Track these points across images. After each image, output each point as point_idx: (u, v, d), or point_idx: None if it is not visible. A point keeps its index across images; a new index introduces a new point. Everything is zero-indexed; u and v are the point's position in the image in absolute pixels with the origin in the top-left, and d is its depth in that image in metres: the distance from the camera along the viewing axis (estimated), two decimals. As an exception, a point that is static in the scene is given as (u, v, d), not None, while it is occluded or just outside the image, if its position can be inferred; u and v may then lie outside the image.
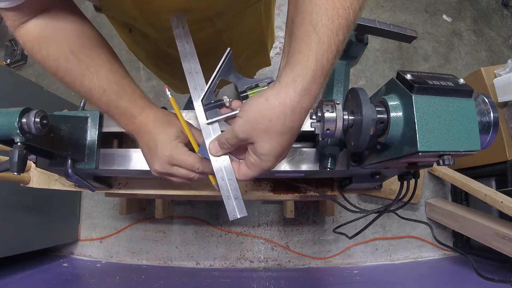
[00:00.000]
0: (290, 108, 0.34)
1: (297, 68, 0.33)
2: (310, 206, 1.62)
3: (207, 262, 1.59)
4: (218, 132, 0.44)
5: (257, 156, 0.37)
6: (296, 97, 0.33)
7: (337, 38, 0.33)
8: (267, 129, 0.35)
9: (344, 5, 0.33)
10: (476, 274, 0.59)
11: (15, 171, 0.42)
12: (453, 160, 0.35)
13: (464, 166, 1.52)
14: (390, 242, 1.60)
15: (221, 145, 0.42)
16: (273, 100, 0.34)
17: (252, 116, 0.35)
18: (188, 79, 0.47)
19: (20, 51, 1.92)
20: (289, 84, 0.33)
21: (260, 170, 0.39)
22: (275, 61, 1.78)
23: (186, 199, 1.62)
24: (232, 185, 0.43)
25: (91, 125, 0.57)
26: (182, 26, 0.48)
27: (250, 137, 0.36)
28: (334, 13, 0.33)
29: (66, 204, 1.62)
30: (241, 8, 0.65)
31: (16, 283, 1.23)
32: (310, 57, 0.33)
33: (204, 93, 0.44)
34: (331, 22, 0.33)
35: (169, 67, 0.87)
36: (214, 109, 0.44)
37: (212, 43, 0.69)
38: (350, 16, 0.34)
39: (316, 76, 0.33)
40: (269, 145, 0.36)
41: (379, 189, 0.69)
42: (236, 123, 0.37)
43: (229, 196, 0.43)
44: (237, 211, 0.43)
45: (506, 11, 1.94)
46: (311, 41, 0.33)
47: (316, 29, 0.33)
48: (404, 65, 1.81)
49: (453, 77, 0.39)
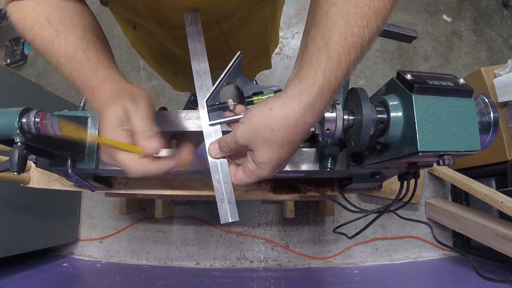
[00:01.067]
0: (293, 121, 0.33)
1: (304, 82, 0.33)
2: (310, 206, 1.62)
3: (207, 262, 1.59)
4: (219, 135, 0.44)
5: (255, 164, 0.37)
6: (300, 111, 0.33)
7: (348, 56, 0.32)
8: (268, 139, 0.34)
9: (360, 24, 0.32)
10: (476, 274, 0.59)
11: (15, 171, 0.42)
12: (453, 160, 0.35)
13: (464, 166, 1.52)
14: (390, 242, 1.60)
15: (221, 148, 0.41)
16: (277, 111, 0.33)
17: (254, 124, 0.35)
18: (195, 78, 0.46)
19: (20, 51, 1.92)
20: (295, 97, 0.33)
21: (256, 178, 0.38)
22: (274, 62, 1.78)
23: (186, 199, 1.62)
24: (227, 188, 0.43)
25: (91, 125, 0.57)
26: (195, 24, 0.48)
27: (250, 145, 0.36)
28: (348, 30, 0.32)
29: (66, 204, 1.62)
30: (248, 11, 0.65)
31: (16, 283, 1.23)
32: (318, 72, 0.32)
33: (210, 94, 0.44)
34: (343, 40, 0.32)
35: (171, 65, 0.87)
36: (218, 111, 0.44)
37: (217, 44, 0.69)
38: (365, 36, 0.33)
39: (322, 93, 0.33)
40: (268, 155, 0.35)
41: (379, 189, 0.69)
42: (238, 129, 0.37)
43: (223, 200, 0.43)
44: (229, 215, 0.43)
45: (506, 11, 1.94)
46: (322, 57, 0.33)
47: (327, 45, 0.32)
48: (404, 65, 1.81)
49: (453, 77, 0.39)
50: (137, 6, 0.52)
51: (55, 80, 1.88)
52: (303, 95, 0.33)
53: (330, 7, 0.34)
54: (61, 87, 1.82)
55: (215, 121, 0.44)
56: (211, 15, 0.57)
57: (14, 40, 1.94)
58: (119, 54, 1.85)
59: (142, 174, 0.38)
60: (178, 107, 1.77)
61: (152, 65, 0.93)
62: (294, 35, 1.85)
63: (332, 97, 0.34)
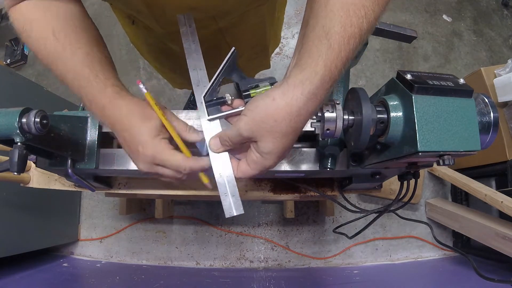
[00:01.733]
0: (296, 110, 0.34)
1: (306, 71, 0.33)
2: (310, 206, 1.62)
3: (207, 262, 1.59)
4: (219, 129, 0.44)
5: (260, 154, 0.37)
6: (303, 99, 0.33)
7: (348, 46, 0.33)
8: (272, 129, 0.35)
9: (358, 14, 0.33)
10: (476, 274, 0.59)
11: (15, 171, 0.42)
12: (453, 160, 0.35)
13: (464, 166, 1.52)
14: (390, 242, 1.60)
15: (222, 142, 0.42)
16: (280, 100, 0.34)
17: (257, 115, 0.35)
18: (191, 75, 0.47)
19: (20, 51, 1.92)
20: (297, 85, 0.33)
21: (261, 168, 0.39)
22: (274, 62, 1.78)
23: (186, 199, 1.62)
24: (230, 182, 0.43)
25: (91, 125, 0.57)
26: (189, 25, 0.48)
27: (254, 136, 0.37)
28: (347, 21, 0.33)
29: (66, 204, 1.62)
30: (245, 10, 0.65)
31: (16, 283, 1.23)
32: (319, 62, 0.33)
33: (207, 89, 0.44)
34: (343, 30, 0.33)
35: (170, 61, 0.87)
36: (216, 106, 0.44)
37: (214, 41, 0.69)
38: (364, 26, 0.34)
39: (323, 82, 0.33)
40: (273, 145, 0.36)
41: (379, 189, 0.69)
42: (241, 121, 0.37)
43: (226, 193, 0.43)
44: (233, 208, 0.43)
45: (506, 11, 1.94)
46: (322, 46, 0.33)
47: (328, 35, 0.33)
48: (404, 65, 1.81)
49: (453, 77, 0.39)
50: (135, 1, 0.52)
51: (55, 80, 1.86)
52: (305, 83, 0.33)
53: None
54: (61, 87, 1.82)
55: (214, 116, 0.44)
56: (208, 12, 0.57)
57: (14, 40, 1.94)
58: (119, 54, 1.85)
59: (192, 170, 0.42)
60: (178, 107, 1.77)
61: (150, 61, 0.94)
62: (294, 35, 1.85)
63: (332, 85, 0.35)
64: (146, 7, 0.53)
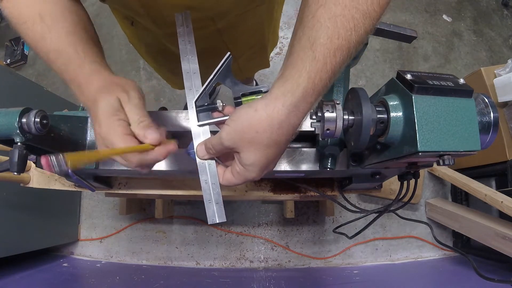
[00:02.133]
0: (278, 122, 0.33)
1: (288, 82, 0.33)
2: (310, 206, 1.62)
3: (207, 262, 1.59)
4: (208, 135, 0.44)
5: (242, 166, 0.37)
6: (284, 112, 0.33)
7: (334, 59, 0.32)
8: (253, 140, 0.34)
9: (347, 26, 0.32)
10: (476, 274, 0.59)
11: (15, 171, 0.42)
12: (453, 160, 0.35)
13: (464, 166, 1.52)
14: (390, 242, 1.60)
15: (207, 150, 0.41)
16: (262, 111, 0.33)
17: (239, 126, 0.35)
18: (185, 78, 0.46)
19: (20, 51, 1.92)
20: (279, 97, 0.33)
21: (244, 179, 0.38)
22: (275, 61, 1.78)
23: (186, 199, 1.62)
24: (214, 189, 0.43)
25: (91, 125, 0.57)
26: (186, 25, 0.48)
27: (235, 146, 0.36)
28: (334, 32, 0.32)
29: (66, 204, 1.62)
30: (243, 10, 0.65)
31: (16, 283, 1.23)
32: (302, 73, 0.32)
33: (199, 95, 0.44)
34: (329, 42, 0.32)
35: (168, 62, 0.87)
36: (207, 112, 0.44)
37: (212, 41, 0.69)
38: (352, 38, 0.32)
39: (306, 94, 0.32)
40: (254, 157, 0.35)
41: (379, 189, 0.69)
42: (224, 131, 0.36)
43: (211, 200, 0.43)
44: (216, 216, 0.43)
45: (506, 11, 1.94)
46: (307, 58, 0.32)
47: (313, 46, 0.32)
48: (404, 65, 1.81)
49: (453, 77, 0.39)
50: (132, 3, 0.52)
51: (55, 80, 1.88)
52: (287, 95, 0.33)
53: (317, 8, 0.33)
54: (61, 87, 1.82)
55: (204, 122, 0.44)
56: (206, 13, 0.57)
57: (14, 40, 1.94)
58: (119, 54, 1.85)
59: (140, 164, 0.38)
60: (178, 107, 1.77)
61: (149, 62, 0.94)
62: (294, 35, 1.84)
63: (317, 99, 0.34)
64: (143, 8, 0.53)
